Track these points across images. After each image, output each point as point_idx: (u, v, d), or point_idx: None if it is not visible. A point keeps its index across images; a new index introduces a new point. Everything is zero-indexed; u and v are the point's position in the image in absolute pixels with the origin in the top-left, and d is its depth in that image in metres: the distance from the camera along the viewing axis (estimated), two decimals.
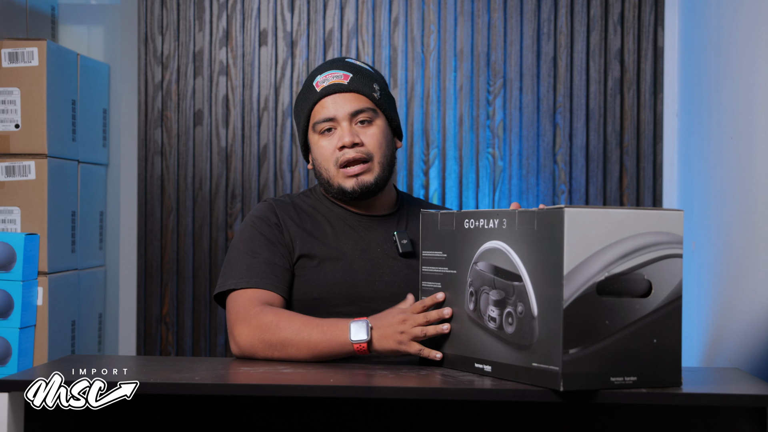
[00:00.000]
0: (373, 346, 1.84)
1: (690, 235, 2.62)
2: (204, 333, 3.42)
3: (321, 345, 1.86)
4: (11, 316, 2.76)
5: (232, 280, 2.02)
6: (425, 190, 3.37)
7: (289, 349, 1.87)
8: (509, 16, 3.36)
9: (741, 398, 1.64)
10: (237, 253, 2.06)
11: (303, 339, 1.87)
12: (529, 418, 1.76)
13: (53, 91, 2.96)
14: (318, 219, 2.12)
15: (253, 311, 1.93)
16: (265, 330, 1.89)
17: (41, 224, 2.89)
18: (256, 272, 2.02)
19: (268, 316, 1.91)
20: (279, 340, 1.88)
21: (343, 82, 2.08)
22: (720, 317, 2.46)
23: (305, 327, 1.88)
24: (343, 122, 2.07)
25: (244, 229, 2.10)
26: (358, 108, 2.07)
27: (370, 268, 2.06)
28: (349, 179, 2.07)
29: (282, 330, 1.88)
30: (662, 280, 1.63)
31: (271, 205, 2.12)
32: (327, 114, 2.08)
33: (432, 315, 1.82)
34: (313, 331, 1.87)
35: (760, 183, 2.08)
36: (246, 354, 1.92)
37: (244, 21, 3.42)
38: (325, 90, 2.09)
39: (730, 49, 2.41)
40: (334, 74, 2.10)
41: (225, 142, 3.42)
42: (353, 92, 2.08)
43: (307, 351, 1.87)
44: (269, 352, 1.89)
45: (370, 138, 2.07)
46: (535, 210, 1.63)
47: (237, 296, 2.00)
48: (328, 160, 2.08)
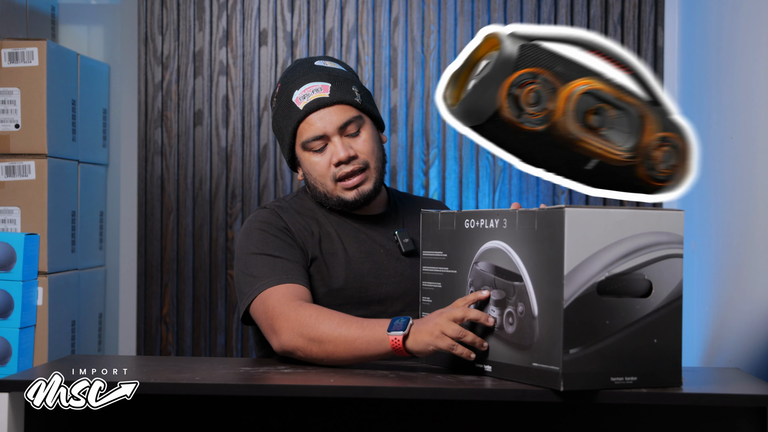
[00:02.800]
0: (407, 343, 1.74)
1: (690, 235, 2.62)
2: (204, 333, 3.42)
3: (358, 341, 1.78)
4: (11, 316, 2.76)
5: (262, 281, 1.95)
6: (425, 190, 3.37)
7: (327, 345, 1.81)
8: (509, 16, 3.36)
9: (741, 398, 1.64)
10: (253, 258, 1.99)
11: (341, 335, 1.80)
12: (529, 418, 1.76)
13: (53, 91, 2.96)
14: (321, 221, 2.09)
15: (292, 306, 1.87)
16: (304, 325, 1.83)
17: (41, 224, 2.89)
18: (283, 270, 1.96)
19: (306, 311, 1.85)
20: (317, 335, 1.81)
21: (325, 96, 2.03)
22: (720, 317, 2.46)
23: (344, 323, 1.81)
24: (334, 137, 2.02)
25: (252, 235, 2.03)
26: (345, 120, 2.03)
27: (377, 270, 2.06)
28: (349, 191, 2.04)
29: (321, 324, 1.82)
30: (662, 280, 1.63)
31: (273, 210, 2.08)
32: (316, 132, 2.03)
33: (472, 314, 1.71)
34: (352, 327, 1.80)
35: (760, 183, 2.08)
36: (287, 350, 1.86)
37: (244, 21, 3.42)
38: (308, 107, 2.02)
39: (730, 49, 2.41)
40: (313, 87, 2.04)
41: (225, 142, 3.42)
42: (336, 104, 2.03)
43: (344, 348, 1.80)
44: (309, 348, 1.83)
45: (362, 146, 2.04)
46: (535, 210, 1.63)
47: (269, 294, 1.92)
48: (323, 176, 2.04)
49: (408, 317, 1.76)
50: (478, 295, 1.73)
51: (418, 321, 1.77)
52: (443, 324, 1.71)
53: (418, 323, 1.75)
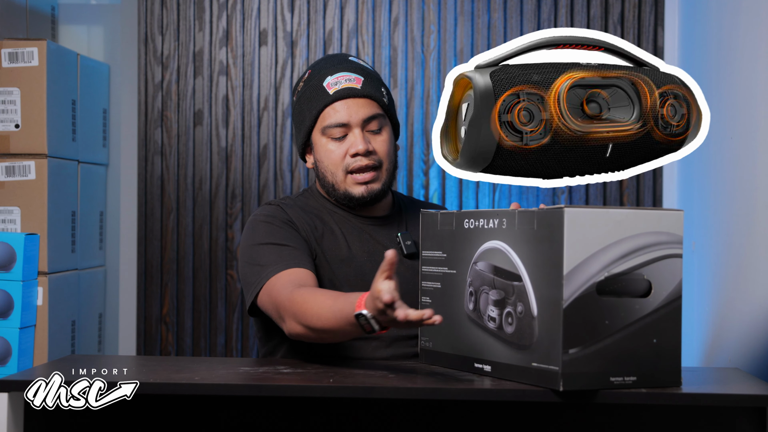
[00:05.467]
0: (385, 327, 1.68)
1: (690, 235, 2.62)
2: (204, 333, 3.42)
3: (342, 331, 1.75)
4: (11, 316, 2.76)
5: (269, 269, 1.94)
6: (425, 190, 3.37)
7: (320, 333, 1.79)
8: (509, 16, 3.36)
9: (741, 398, 1.64)
10: (260, 248, 1.99)
11: (324, 324, 1.77)
12: (529, 418, 1.76)
13: (53, 91, 2.96)
14: (326, 220, 2.09)
15: (287, 291, 1.86)
16: (297, 312, 1.82)
17: (41, 224, 2.89)
18: (290, 256, 1.96)
19: (298, 296, 1.83)
20: (309, 323, 1.80)
21: (357, 87, 2.04)
22: (720, 317, 2.46)
23: (322, 309, 1.78)
24: (356, 129, 2.03)
25: (257, 227, 2.03)
26: (370, 114, 2.04)
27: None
28: (358, 186, 2.05)
29: (308, 312, 1.80)
30: (662, 280, 1.63)
31: (278, 206, 2.08)
32: (340, 119, 2.03)
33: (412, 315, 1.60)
34: (329, 316, 1.76)
35: (760, 183, 2.08)
36: (293, 336, 1.87)
37: (244, 21, 3.42)
38: (338, 93, 2.04)
39: (730, 49, 2.41)
40: (347, 77, 2.05)
41: (225, 142, 3.42)
42: (366, 97, 2.05)
43: (332, 336, 1.79)
44: (308, 334, 1.82)
45: (380, 145, 2.05)
46: (535, 210, 1.63)
47: (275, 281, 1.92)
48: (336, 165, 2.05)
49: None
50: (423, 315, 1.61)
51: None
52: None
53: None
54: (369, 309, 1.64)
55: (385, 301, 1.58)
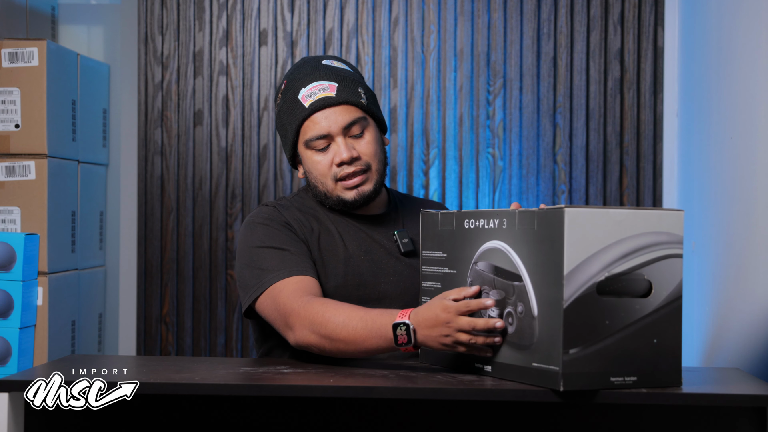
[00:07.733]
0: (418, 346, 1.75)
1: (690, 235, 2.62)
2: (204, 333, 3.42)
3: (367, 343, 1.78)
4: (11, 316, 2.76)
5: (271, 274, 1.94)
6: (425, 190, 3.37)
7: (338, 343, 1.81)
8: (509, 16, 3.36)
9: (741, 398, 1.64)
10: (260, 251, 1.99)
11: (349, 334, 1.79)
12: (529, 418, 1.76)
13: (53, 91, 2.96)
14: (322, 219, 2.09)
15: (302, 301, 1.86)
16: (314, 322, 1.83)
17: (41, 224, 2.89)
18: (293, 262, 1.96)
19: (315, 307, 1.84)
20: (327, 333, 1.81)
21: (332, 95, 2.02)
22: (720, 317, 2.46)
23: (350, 320, 1.80)
24: (338, 137, 2.02)
25: (255, 229, 2.03)
26: (350, 120, 2.02)
27: (375, 269, 2.06)
28: (349, 191, 2.04)
29: (329, 322, 1.81)
30: (662, 280, 1.63)
31: (274, 208, 2.08)
32: (320, 131, 2.02)
33: (480, 323, 1.68)
34: (358, 326, 1.79)
35: (760, 183, 2.08)
36: (302, 346, 1.87)
37: (244, 21, 3.42)
38: (313, 105, 2.02)
39: (730, 49, 2.41)
40: (320, 86, 2.03)
41: (225, 142, 3.42)
42: (342, 104, 2.03)
43: (354, 348, 1.80)
44: (322, 344, 1.83)
45: (365, 148, 2.04)
46: (535, 210, 1.63)
47: (281, 288, 1.92)
48: (324, 176, 2.04)
49: (407, 321, 1.74)
50: (482, 303, 1.69)
51: (418, 315, 1.74)
52: (453, 335, 1.70)
53: (422, 325, 1.73)
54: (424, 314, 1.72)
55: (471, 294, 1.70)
